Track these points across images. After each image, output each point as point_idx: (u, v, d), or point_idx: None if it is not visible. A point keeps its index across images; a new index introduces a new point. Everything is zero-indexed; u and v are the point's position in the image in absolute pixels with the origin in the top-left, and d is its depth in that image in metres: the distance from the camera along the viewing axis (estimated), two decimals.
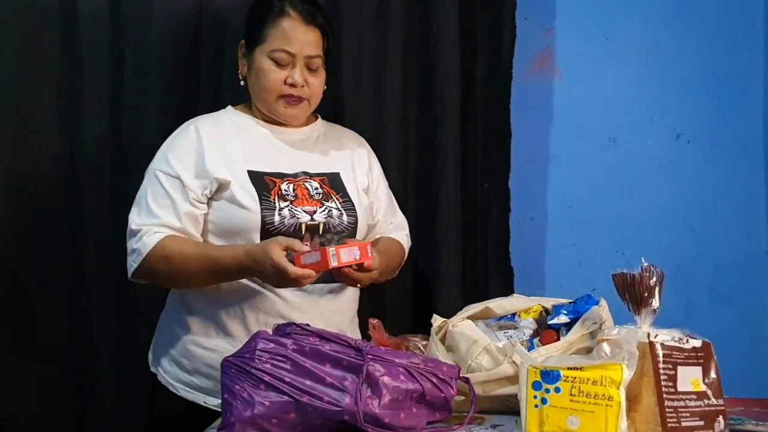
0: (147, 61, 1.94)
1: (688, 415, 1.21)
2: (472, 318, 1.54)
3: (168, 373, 1.65)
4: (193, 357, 1.61)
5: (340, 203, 1.66)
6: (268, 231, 1.56)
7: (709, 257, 2.21)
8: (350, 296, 1.70)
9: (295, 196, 1.61)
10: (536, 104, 2.18)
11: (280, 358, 1.23)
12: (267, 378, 1.21)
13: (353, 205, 1.68)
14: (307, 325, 1.31)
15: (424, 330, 1.78)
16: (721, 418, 1.24)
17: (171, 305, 1.69)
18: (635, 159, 2.20)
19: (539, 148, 2.20)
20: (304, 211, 1.59)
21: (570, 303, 1.52)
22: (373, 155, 1.84)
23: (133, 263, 1.56)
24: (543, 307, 1.55)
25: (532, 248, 2.20)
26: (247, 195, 1.57)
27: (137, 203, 1.61)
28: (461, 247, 2.07)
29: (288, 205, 1.59)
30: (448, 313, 1.62)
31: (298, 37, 1.62)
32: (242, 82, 1.71)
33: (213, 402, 1.53)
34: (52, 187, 1.94)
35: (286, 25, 1.62)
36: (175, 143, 1.64)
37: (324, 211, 1.62)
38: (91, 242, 1.94)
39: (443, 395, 1.27)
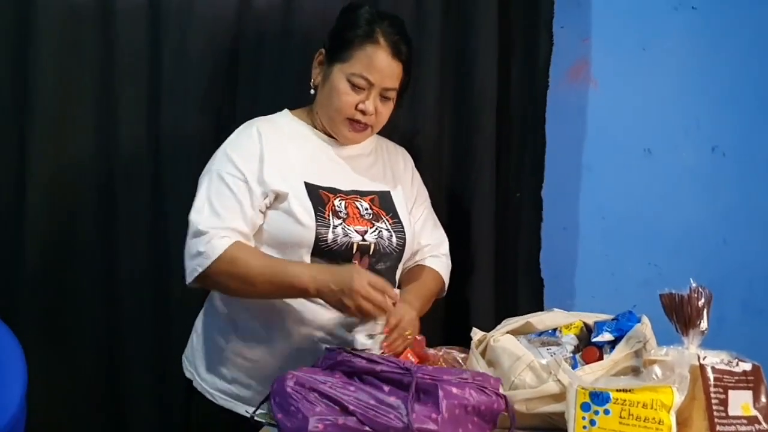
0: (185, 63, 1.95)
1: None
2: (513, 332, 1.53)
3: (205, 380, 1.64)
4: (234, 366, 1.60)
5: (390, 224, 1.64)
6: (320, 248, 1.54)
7: (742, 271, 2.18)
8: None
9: (347, 214, 1.59)
10: (571, 113, 2.16)
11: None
12: (330, 392, 1.21)
13: (402, 227, 1.66)
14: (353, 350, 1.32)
15: (456, 339, 1.79)
16: None
17: (210, 312, 1.68)
18: (670, 170, 2.17)
19: (573, 157, 2.18)
20: (356, 230, 1.58)
21: (612, 320, 1.51)
22: (416, 171, 1.83)
23: (197, 267, 1.50)
24: (584, 323, 1.54)
25: (564, 258, 2.19)
26: (304, 209, 1.55)
27: (200, 205, 1.54)
28: (494, 257, 2.07)
29: (341, 223, 1.57)
30: (479, 323, 1.62)
31: (381, 68, 1.58)
32: (312, 91, 1.67)
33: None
34: (89, 188, 1.95)
35: (372, 52, 1.58)
36: (239, 145, 1.60)
37: (375, 231, 1.60)
38: (128, 243, 1.95)
39: (495, 407, 1.28)
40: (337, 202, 1.59)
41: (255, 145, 1.59)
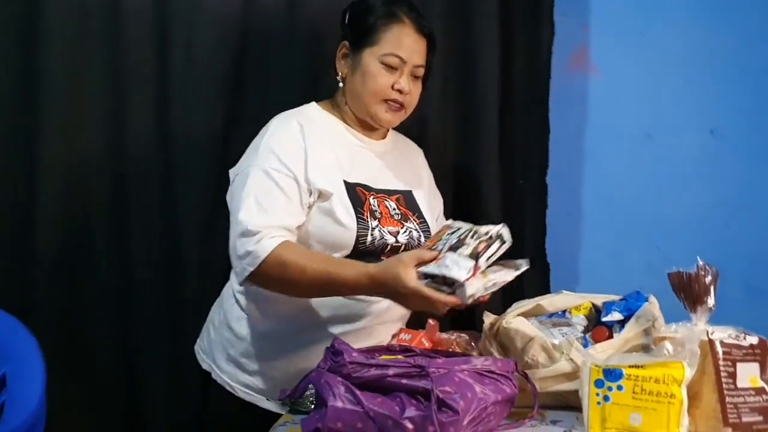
0: (194, 61, 1.96)
1: (747, 410, 1.24)
2: (524, 315, 1.56)
3: (225, 372, 1.64)
4: (254, 357, 1.60)
5: (417, 224, 1.65)
6: (358, 249, 1.54)
7: (744, 252, 2.19)
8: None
9: (381, 214, 1.59)
10: (572, 100, 2.18)
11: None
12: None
13: (428, 226, 1.67)
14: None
15: (464, 324, 1.82)
16: None
17: (228, 302, 1.67)
18: (671, 155, 2.20)
19: (575, 143, 2.20)
20: (389, 232, 1.58)
21: (620, 300, 1.54)
22: (428, 167, 1.85)
23: (248, 266, 1.45)
24: (593, 304, 1.57)
25: (568, 243, 2.21)
26: (345, 210, 1.54)
27: (246, 203, 1.48)
28: None
29: (377, 225, 1.57)
30: (488, 307, 1.63)
31: (409, 44, 1.61)
32: (340, 84, 1.66)
33: (272, 406, 1.55)
34: (99, 187, 1.97)
35: (399, 31, 1.60)
36: (281, 140, 1.56)
37: (405, 232, 1.61)
38: (140, 240, 1.97)
39: (509, 391, 1.29)
40: (371, 201, 1.59)
41: (298, 139, 1.56)
